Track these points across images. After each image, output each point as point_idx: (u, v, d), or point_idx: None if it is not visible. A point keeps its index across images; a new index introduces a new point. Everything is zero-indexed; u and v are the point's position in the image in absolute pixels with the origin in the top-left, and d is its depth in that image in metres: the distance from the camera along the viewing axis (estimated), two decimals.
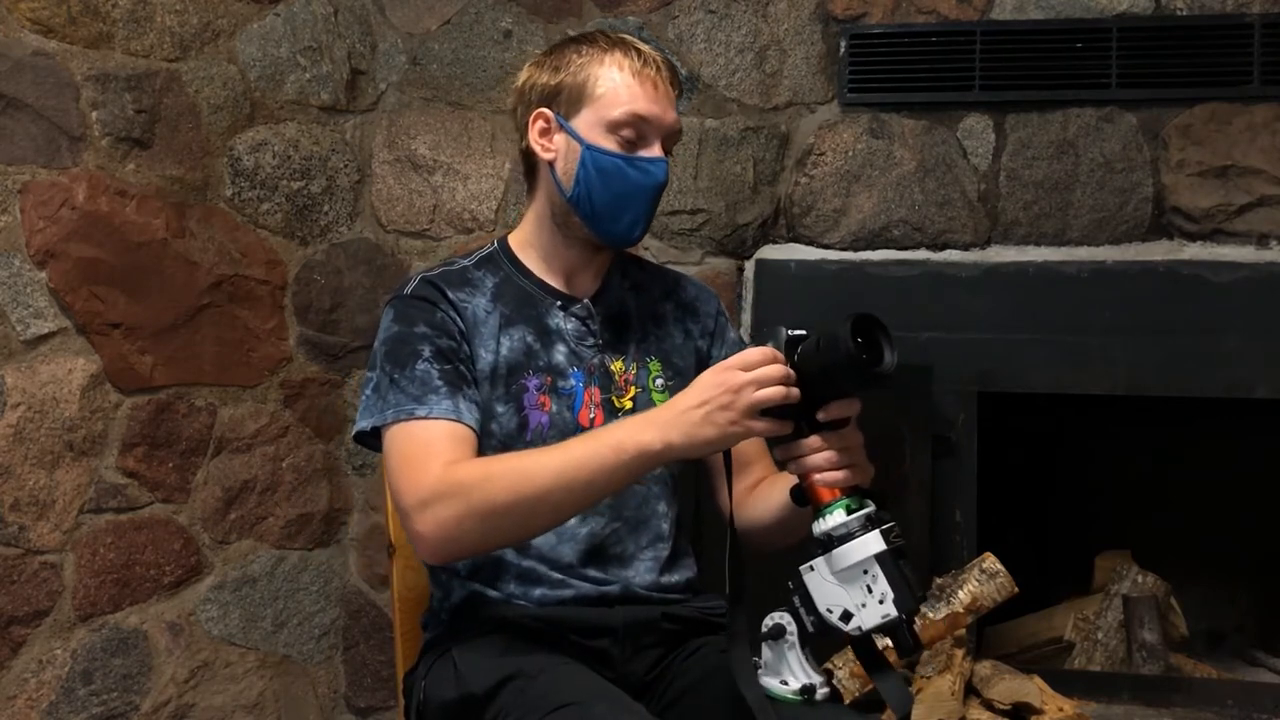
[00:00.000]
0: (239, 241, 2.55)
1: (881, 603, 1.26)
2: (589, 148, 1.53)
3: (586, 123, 1.54)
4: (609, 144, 1.53)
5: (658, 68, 1.55)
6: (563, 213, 1.57)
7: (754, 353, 1.33)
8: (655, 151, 1.54)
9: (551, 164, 1.57)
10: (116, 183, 2.32)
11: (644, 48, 1.57)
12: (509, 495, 1.38)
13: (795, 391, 1.31)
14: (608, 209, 1.54)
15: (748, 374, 1.31)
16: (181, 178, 2.45)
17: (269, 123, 2.62)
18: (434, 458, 1.43)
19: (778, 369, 1.31)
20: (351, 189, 2.79)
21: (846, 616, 1.28)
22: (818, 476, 1.33)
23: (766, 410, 1.32)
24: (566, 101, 1.56)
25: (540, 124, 1.58)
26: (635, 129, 1.53)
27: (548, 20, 2.74)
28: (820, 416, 1.32)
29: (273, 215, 2.62)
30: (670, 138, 1.57)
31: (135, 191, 2.35)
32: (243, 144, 2.57)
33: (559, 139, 1.56)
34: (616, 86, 1.53)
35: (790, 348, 1.33)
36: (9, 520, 2.17)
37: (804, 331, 1.34)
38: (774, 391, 1.31)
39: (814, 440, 1.33)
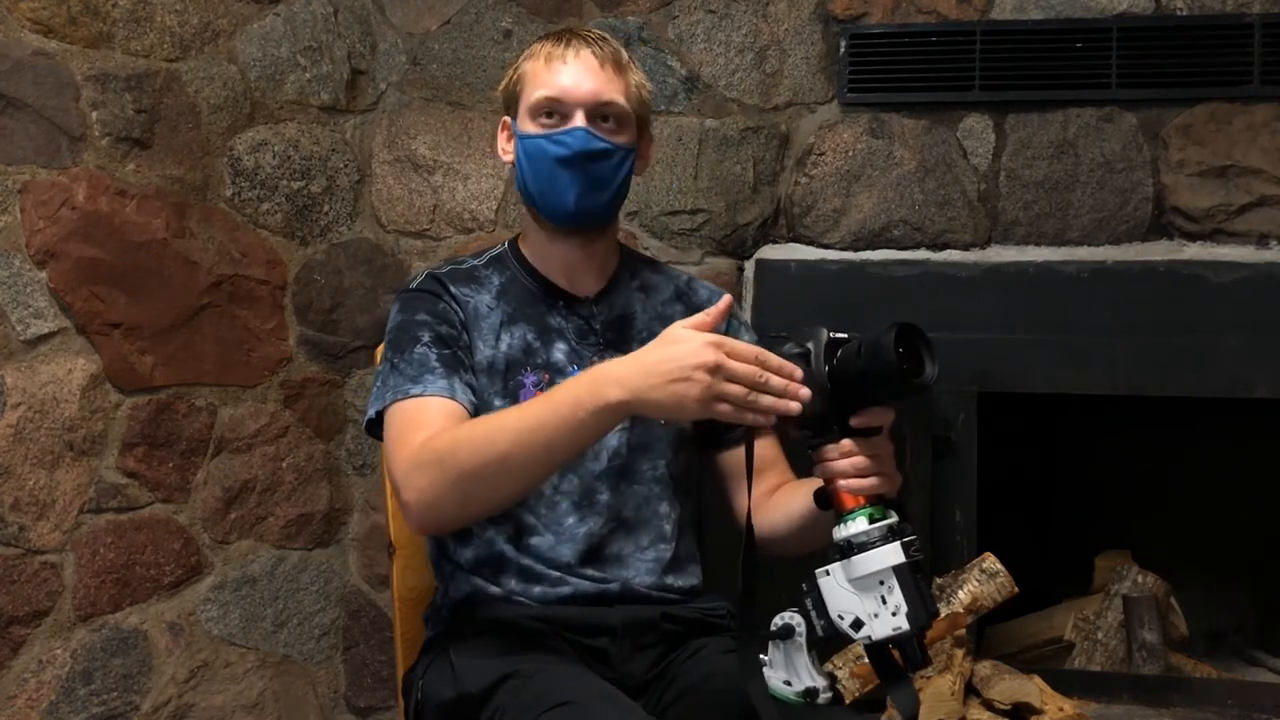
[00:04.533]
0: (239, 241, 2.55)
1: (894, 615, 1.26)
2: (520, 137, 1.60)
3: (521, 118, 1.61)
4: (534, 129, 1.59)
5: (577, 48, 1.59)
6: (528, 208, 1.64)
7: (767, 356, 1.29)
8: (574, 124, 1.57)
9: (513, 165, 1.64)
10: (116, 183, 2.32)
11: (575, 32, 1.62)
12: (474, 460, 1.39)
13: (793, 406, 1.28)
14: (541, 188, 1.58)
15: (733, 364, 1.27)
16: (181, 178, 2.45)
17: (269, 123, 2.62)
18: (420, 430, 1.46)
19: (778, 381, 1.27)
20: (351, 189, 2.79)
21: (858, 625, 1.28)
22: (843, 482, 1.32)
23: (804, 421, 1.30)
24: (511, 104, 1.64)
25: (504, 132, 1.66)
26: (552, 110, 1.58)
27: (548, 20, 2.74)
28: (853, 422, 1.32)
29: (273, 215, 2.62)
30: (599, 109, 1.58)
31: (135, 191, 2.35)
32: (243, 144, 2.57)
33: (513, 141, 1.63)
34: (535, 75, 1.60)
35: (830, 350, 1.32)
36: (9, 520, 2.17)
37: (845, 335, 1.33)
38: (739, 390, 1.26)
39: (844, 445, 1.32)
